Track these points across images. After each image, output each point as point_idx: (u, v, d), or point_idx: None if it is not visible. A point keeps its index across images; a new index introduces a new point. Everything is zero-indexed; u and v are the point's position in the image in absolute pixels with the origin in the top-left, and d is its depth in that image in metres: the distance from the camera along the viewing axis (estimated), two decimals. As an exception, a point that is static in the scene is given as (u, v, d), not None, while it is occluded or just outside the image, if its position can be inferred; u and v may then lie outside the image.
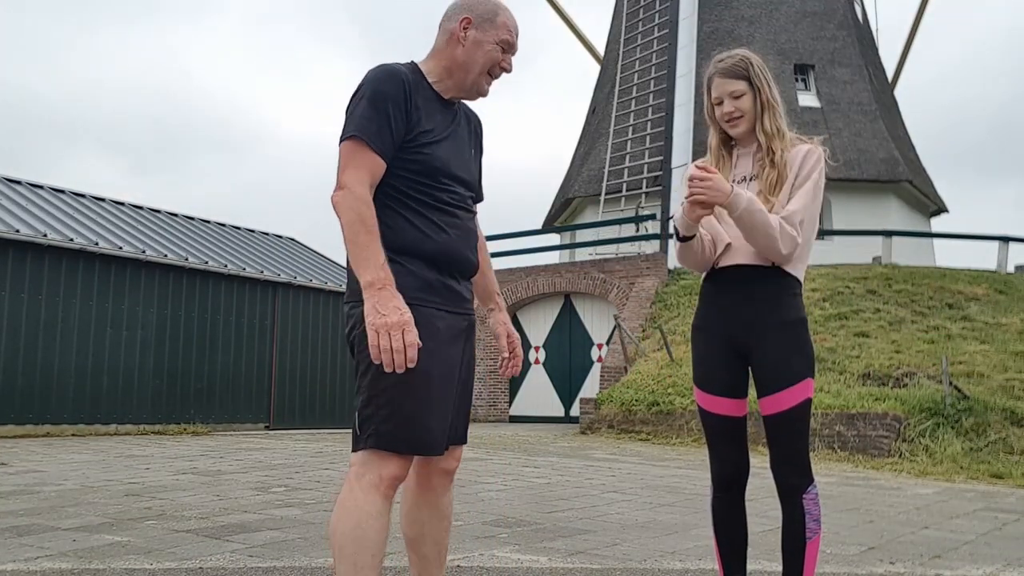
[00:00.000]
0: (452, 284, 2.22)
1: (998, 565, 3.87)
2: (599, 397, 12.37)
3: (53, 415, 11.57)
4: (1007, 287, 14.17)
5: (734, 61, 2.53)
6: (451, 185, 2.22)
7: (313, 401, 15.30)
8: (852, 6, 21.68)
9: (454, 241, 2.20)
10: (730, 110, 2.52)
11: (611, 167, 19.67)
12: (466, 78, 2.25)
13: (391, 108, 2.12)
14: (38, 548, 3.72)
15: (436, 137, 2.19)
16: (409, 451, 2.12)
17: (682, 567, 3.61)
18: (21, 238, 11.41)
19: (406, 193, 2.17)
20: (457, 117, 2.31)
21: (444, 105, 2.26)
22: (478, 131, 2.42)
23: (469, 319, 2.30)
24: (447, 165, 2.20)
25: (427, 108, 2.19)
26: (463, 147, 2.30)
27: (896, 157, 19.00)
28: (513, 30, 2.28)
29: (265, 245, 17.14)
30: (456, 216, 2.22)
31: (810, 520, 2.45)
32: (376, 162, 2.11)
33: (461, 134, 2.30)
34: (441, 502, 2.35)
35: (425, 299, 2.14)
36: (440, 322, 2.16)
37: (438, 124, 2.21)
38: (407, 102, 2.14)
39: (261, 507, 4.96)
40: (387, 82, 2.14)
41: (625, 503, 5.53)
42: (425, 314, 2.11)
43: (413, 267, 2.15)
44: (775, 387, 2.45)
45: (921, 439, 9.21)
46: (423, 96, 2.20)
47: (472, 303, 2.36)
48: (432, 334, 2.11)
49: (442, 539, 2.36)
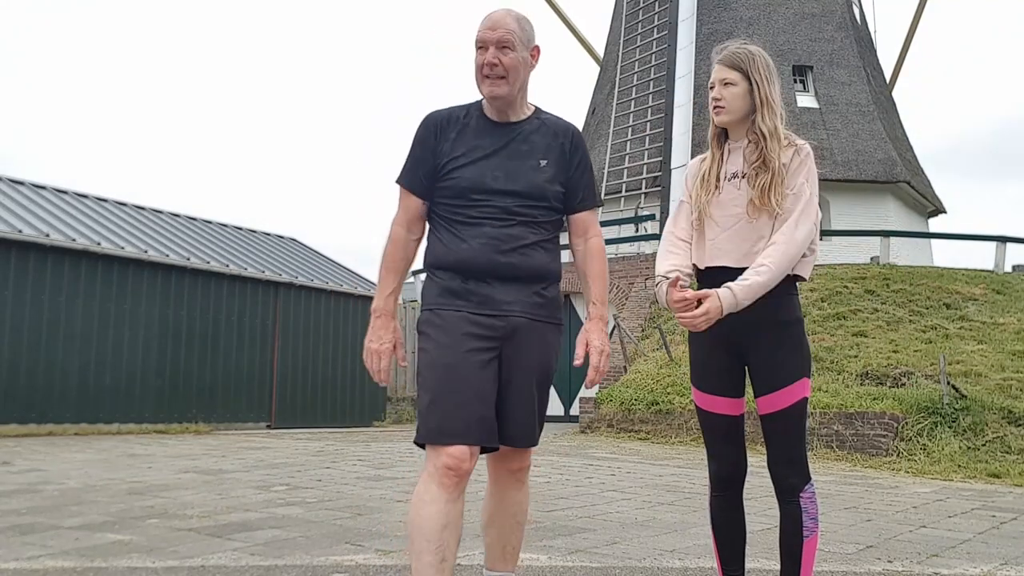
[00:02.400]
0: (482, 288, 2.37)
1: (995, 563, 3.89)
2: (598, 396, 12.39)
3: (56, 414, 11.57)
4: (1004, 287, 14.19)
5: (734, 50, 2.55)
6: (485, 199, 2.38)
7: (315, 400, 15.31)
8: (850, 7, 21.69)
9: (474, 250, 2.36)
10: (717, 96, 2.54)
11: (611, 168, 19.69)
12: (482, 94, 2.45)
13: (418, 150, 2.47)
14: (41, 547, 3.74)
15: (469, 159, 2.41)
16: (450, 440, 2.26)
17: (681, 565, 3.63)
18: (24, 238, 11.42)
19: (442, 215, 2.45)
20: (518, 134, 2.46)
21: (495, 127, 2.46)
22: (559, 142, 2.49)
23: (510, 321, 2.38)
24: (478, 183, 2.39)
25: (465, 136, 2.44)
26: (516, 161, 2.43)
27: (894, 158, 19.02)
28: (483, 26, 2.40)
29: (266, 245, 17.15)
30: (484, 226, 2.38)
31: (808, 519, 2.47)
32: (411, 200, 2.49)
33: (519, 148, 2.44)
34: (509, 498, 2.52)
35: (445, 304, 2.38)
36: (463, 323, 2.34)
37: (477, 147, 2.42)
38: (435, 139, 2.44)
39: (263, 506, 4.98)
40: (418, 130, 2.49)
41: (624, 502, 5.55)
42: (446, 316, 2.36)
43: (439, 277, 2.43)
44: (772, 386, 2.47)
45: (919, 438, 9.24)
46: (464, 126, 2.45)
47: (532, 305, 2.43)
48: (452, 332, 2.33)
49: (507, 533, 2.52)
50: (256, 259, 15.54)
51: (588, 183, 2.55)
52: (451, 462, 2.25)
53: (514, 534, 2.53)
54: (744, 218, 2.48)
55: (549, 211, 2.46)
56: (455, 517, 2.26)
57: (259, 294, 14.61)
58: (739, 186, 2.52)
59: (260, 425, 14.29)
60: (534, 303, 2.42)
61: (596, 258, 2.59)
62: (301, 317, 15.26)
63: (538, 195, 2.42)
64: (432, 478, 2.26)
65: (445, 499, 2.24)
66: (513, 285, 2.38)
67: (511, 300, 2.38)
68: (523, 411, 2.40)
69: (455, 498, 2.26)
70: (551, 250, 2.49)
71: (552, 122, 2.52)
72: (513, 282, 2.38)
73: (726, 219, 2.50)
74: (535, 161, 2.44)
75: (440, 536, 2.22)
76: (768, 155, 2.48)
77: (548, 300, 2.48)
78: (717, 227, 2.52)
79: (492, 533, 2.54)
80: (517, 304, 2.39)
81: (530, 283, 2.42)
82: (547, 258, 2.46)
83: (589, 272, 2.59)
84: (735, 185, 2.53)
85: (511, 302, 2.38)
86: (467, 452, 2.27)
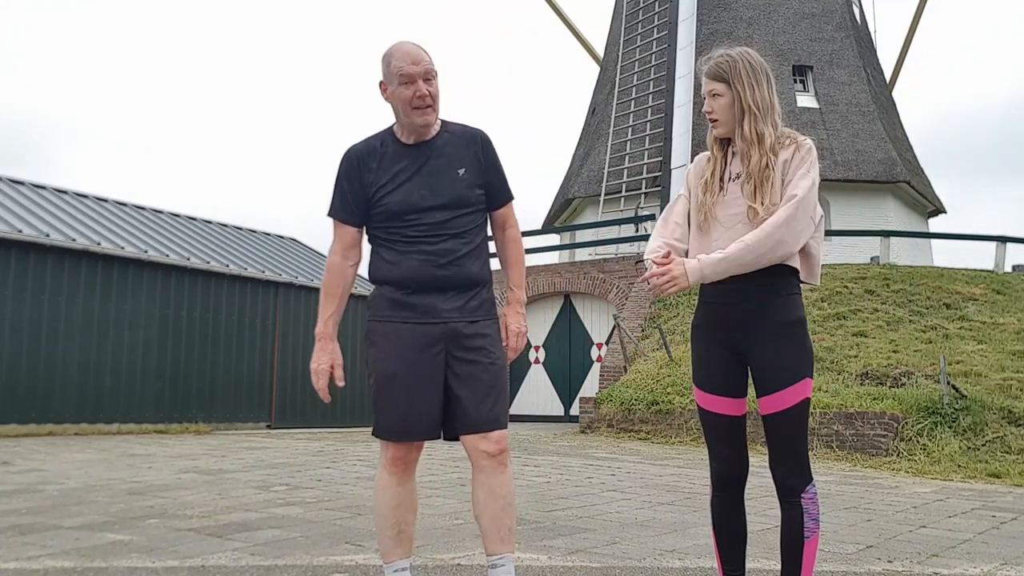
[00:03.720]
0: (424, 299, 2.64)
1: (995, 564, 3.89)
2: (599, 396, 12.39)
3: (56, 414, 11.58)
4: (1004, 287, 14.19)
5: (716, 60, 2.53)
6: (418, 218, 2.64)
7: (314, 401, 15.29)
8: (850, 7, 21.69)
9: (415, 266, 2.64)
10: (707, 110, 2.54)
11: (611, 168, 19.69)
12: (406, 124, 2.67)
13: (345, 183, 2.70)
14: (40, 547, 3.74)
15: (395, 184, 2.65)
16: (393, 437, 2.65)
17: (681, 565, 3.63)
18: (24, 238, 11.43)
19: (381, 236, 2.71)
20: (433, 151, 2.69)
21: (411, 149, 2.69)
22: (472, 149, 2.74)
23: (449, 327, 2.65)
24: (408, 204, 2.64)
25: (385, 164, 2.68)
26: (437, 177, 2.67)
27: (894, 158, 19.02)
28: (404, 62, 2.60)
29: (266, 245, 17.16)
30: (422, 243, 2.64)
31: (808, 519, 2.46)
32: (345, 230, 2.73)
33: (437, 164, 2.68)
34: (493, 483, 2.69)
35: (392, 316, 2.67)
36: (406, 333, 2.63)
37: (400, 171, 2.66)
38: (358, 171, 2.68)
39: (263, 506, 4.98)
40: (341, 165, 2.72)
41: (624, 502, 5.55)
42: (391, 328, 2.66)
43: (385, 291, 2.69)
44: (774, 386, 2.46)
45: (919, 438, 9.24)
46: (382, 154, 2.69)
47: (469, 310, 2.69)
48: (397, 342, 2.63)
49: (499, 517, 2.70)
50: (256, 259, 15.54)
51: (502, 181, 2.82)
52: (397, 454, 2.67)
53: (506, 515, 2.71)
54: (745, 219, 2.48)
55: (475, 215, 2.72)
56: (406, 496, 2.69)
57: (259, 294, 14.61)
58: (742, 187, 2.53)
59: (260, 425, 14.30)
60: (471, 307, 2.70)
61: (513, 246, 2.88)
62: (301, 317, 15.27)
63: (463, 203, 2.69)
64: (384, 468, 2.70)
65: (395, 484, 2.67)
66: (451, 294, 2.67)
67: (450, 308, 2.66)
68: (479, 399, 2.65)
69: (404, 481, 2.69)
70: (480, 256, 2.75)
71: (459, 131, 2.77)
72: (451, 291, 2.67)
73: (729, 219, 2.50)
74: (453, 172, 2.69)
75: (394, 514, 2.68)
76: (750, 161, 2.47)
77: (483, 302, 2.74)
78: (721, 227, 2.52)
79: (486, 520, 2.71)
80: (456, 311, 2.67)
81: (465, 290, 2.70)
82: (477, 266, 2.72)
83: (508, 259, 2.88)
84: (738, 186, 2.53)
85: (450, 309, 2.66)
86: (409, 446, 2.67)
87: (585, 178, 20.65)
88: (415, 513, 2.75)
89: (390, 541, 2.69)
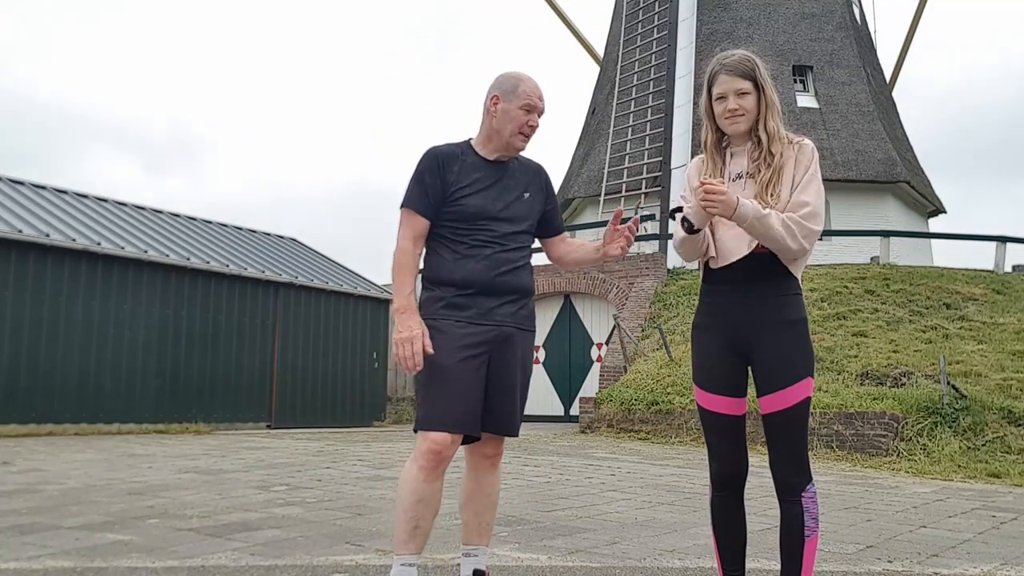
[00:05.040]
0: (480, 301, 2.79)
1: (995, 564, 3.89)
2: (599, 396, 12.39)
3: (56, 414, 11.58)
4: (1004, 287, 14.19)
5: (741, 59, 2.55)
6: (488, 225, 2.83)
7: (314, 400, 15.32)
8: (850, 7, 21.69)
9: (479, 270, 2.80)
10: (734, 107, 2.53)
11: (611, 167, 19.69)
12: (500, 141, 2.88)
13: (427, 177, 2.83)
14: (41, 547, 3.74)
15: (473, 190, 2.83)
16: (437, 429, 2.69)
17: (681, 566, 3.63)
18: (24, 238, 11.43)
19: (447, 236, 2.84)
20: (506, 171, 2.92)
21: (489, 164, 2.90)
22: (539, 179, 3.01)
23: (501, 330, 2.80)
24: (483, 210, 2.83)
25: (466, 170, 2.85)
26: (507, 194, 2.89)
27: (894, 158, 19.02)
28: (534, 94, 2.86)
29: (266, 245, 17.16)
30: (487, 248, 2.82)
31: (808, 519, 2.47)
32: (418, 221, 2.84)
33: (508, 183, 2.91)
34: (483, 480, 2.90)
35: (447, 314, 2.78)
36: (459, 330, 2.75)
37: (478, 180, 2.85)
38: (441, 169, 2.83)
39: (263, 506, 4.99)
40: (424, 161, 2.86)
41: (624, 502, 5.55)
42: (444, 325, 2.76)
43: (442, 292, 2.81)
44: (775, 386, 2.47)
45: (919, 438, 9.24)
46: (463, 161, 2.87)
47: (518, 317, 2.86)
48: (450, 339, 2.73)
49: (482, 511, 2.90)
50: (256, 259, 15.54)
51: (559, 212, 3.11)
52: (434, 447, 2.69)
53: (488, 512, 2.91)
54: None
55: (529, 236, 2.96)
56: (430, 495, 2.71)
57: (259, 294, 14.61)
58: (744, 186, 2.54)
59: (260, 425, 14.30)
60: (521, 315, 2.87)
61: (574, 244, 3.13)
62: (301, 317, 15.27)
63: (526, 221, 2.93)
64: (415, 460, 2.72)
65: (422, 480, 2.70)
66: (506, 300, 2.83)
67: (504, 313, 2.82)
68: (510, 405, 2.83)
69: (432, 479, 2.71)
70: (530, 272, 2.95)
71: (527, 162, 3.02)
72: (505, 297, 2.82)
73: None
74: (520, 193, 2.93)
75: (414, 508, 2.70)
76: (774, 156, 2.51)
77: (529, 312, 2.93)
78: (724, 226, 2.53)
79: (469, 512, 2.91)
80: (509, 316, 2.83)
81: (518, 299, 2.87)
82: (529, 278, 2.93)
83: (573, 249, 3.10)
84: (740, 185, 2.55)
85: (504, 314, 2.82)
86: (448, 439, 2.70)
87: (585, 178, 20.65)
88: (435, 513, 2.77)
89: (404, 535, 2.71)
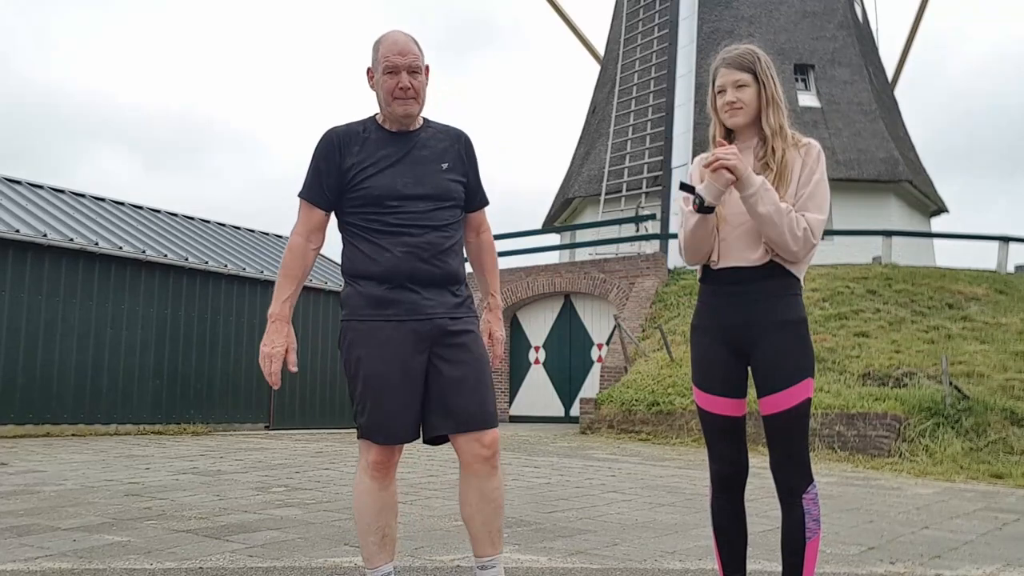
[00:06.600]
0: (408, 295, 2.55)
1: (998, 565, 3.87)
2: (599, 397, 12.37)
3: (53, 415, 11.56)
4: (1007, 287, 14.17)
5: (741, 52, 2.55)
6: (400, 206, 2.56)
7: (313, 401, 15.30)
8: (852, 6, 21.67)
9: (400, 259, 2.54)
10: (732, 99, 2.52)
11: (611, 167, 19.68)
12: (389, 111, 2.62)
13: (322, 164, 2.60)
14: (38, 548, 3.73)
15: (378, 168, 2.57)
16: (382, 440, 2.56)
17: (682, 567, 3.61)
18: (21, 238, 11.41)
19: (357, 225, 2.60)
20: (417, 142, 2.65)
21: (394, 137, 2.64)
22: (457, 146, 2.73)
23: (435, 323, 2.57)
24: (391, 190, 2.56)
25: (368, 148, 2.60)
26: (420, 167, 2.62)
27: (896, 157, 19.00)
28: (390, 52, 2.57)
29: (265, 245, 17.14)
30: (404, 234, 2.56)
31: (810, 520, 2.45)
32: (313, 212, 2.63)
33: (420, 155, 2.64)
34: (486, 487, 2.61)
35: (373, 314, 2.55)
36: (391, 331, 2.53)
37: (384, 156, 2.59)
38: (337, 153, 2.59)
39: (261, 507, 4.97)
40: (319, 145, 2.63)
41: (625, 503, 5.53)
42: (372, 327, 2.55)
43: (363, 288, 2.58)
44: (775, 387, 2.45)
45: (921, 439, 9.21)
46: (365, 139, 2.61)
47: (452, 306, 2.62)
48: (379, 343, 2.53)
49: (490, 521, 2.63)
50: (255, 259, 15.52)
51: (481, 184, 2.82)
52: (378, 458, 2.59)
53: (497, 518, 2.65)
54: None
55: (454, 210, 2.67)
56: (388, 499, 2.63)
57: (258, 294, 14.59)
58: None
59: (258, 426, 14.28)
60: (452, 303, 2.63)
61: (489, 252, 2.89)
62: (299, 317, 15.24)
63: (446, 195, 2.64)
64: (365, 471, 2.62)
65: (377, 488, 2.61)
66: (433, 289, 2.59)
67: (434, 303, 2.58)
68: (467, 398, 2.57)
69: (386, 485, 2.62)
70: (459, 254, 2.70)
71: (443, 129, 2.75)
72: (433, 286, 2.59)
73: (737, 216, 2.49)
74: (437, 165, 2.65)
75: (378, 518, 2.61)
76: (776, 153, 2.49)
77: (464, 299, 2.68)
78: (728, 225, 2.51)
79: (477, 523, 2.64)
80: (440, 307, 2.59)
81: (446, 286, 2.62)
82: (457, 262, 2.67)
83: (485, 266, 2.88)
84: None
85: (434, 305, 2.58)
86: (391, 449, 2.60)
87: (585, 177, 20.64)
88: (397, 515, 2.69)
89: (374, 547, 2.61)
